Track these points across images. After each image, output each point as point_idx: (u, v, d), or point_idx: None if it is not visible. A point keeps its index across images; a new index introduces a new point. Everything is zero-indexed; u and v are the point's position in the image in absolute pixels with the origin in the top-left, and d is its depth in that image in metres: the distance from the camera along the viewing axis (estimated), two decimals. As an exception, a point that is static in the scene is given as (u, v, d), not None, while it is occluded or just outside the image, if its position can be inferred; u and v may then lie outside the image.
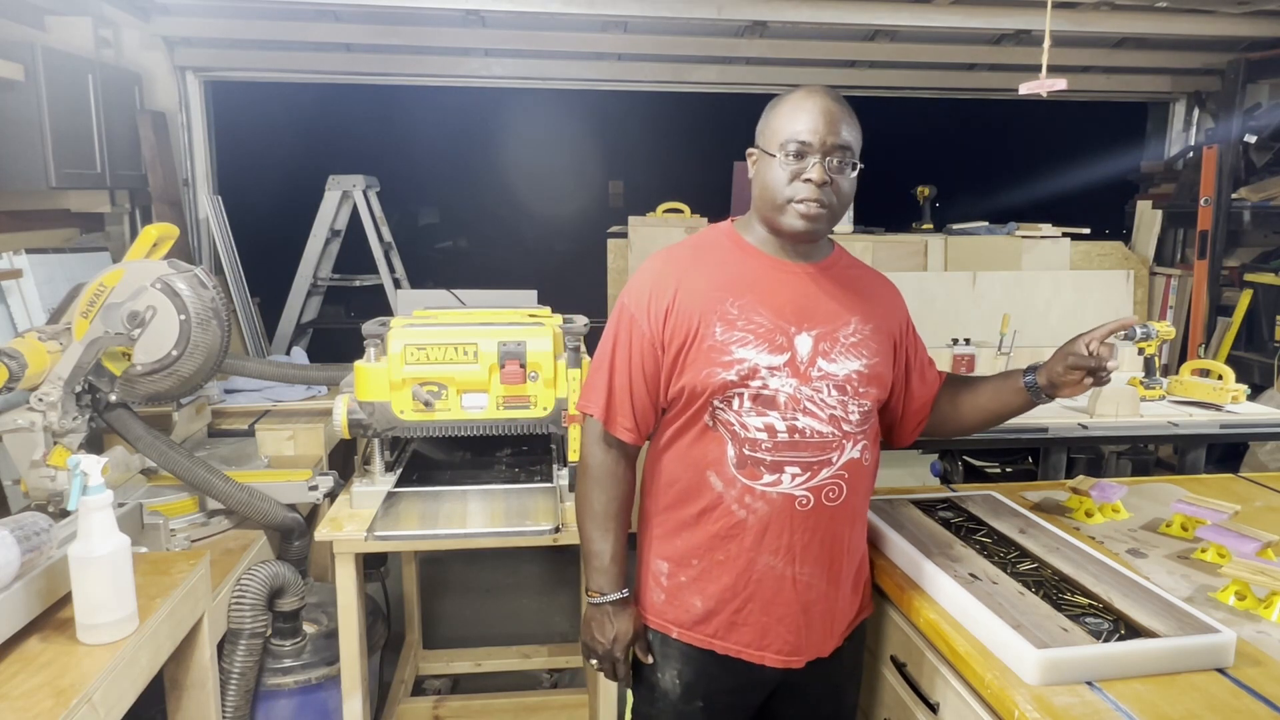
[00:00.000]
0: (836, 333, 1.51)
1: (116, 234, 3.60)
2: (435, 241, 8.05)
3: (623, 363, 1.52)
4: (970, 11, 3.65)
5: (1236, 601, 1.53)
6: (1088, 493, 1.96)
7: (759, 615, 1.51)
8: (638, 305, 1.51)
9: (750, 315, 1.47)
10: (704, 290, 1.49)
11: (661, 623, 1.57)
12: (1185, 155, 4.69)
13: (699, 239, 1.60)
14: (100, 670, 1.34)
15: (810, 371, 1.47)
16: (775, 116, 1.49)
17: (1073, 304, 4.20)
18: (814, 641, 1.54)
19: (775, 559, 1.48)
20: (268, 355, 4.05)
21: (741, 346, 1.46)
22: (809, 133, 1.44)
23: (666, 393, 1.51)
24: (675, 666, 1.56)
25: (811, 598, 1.51)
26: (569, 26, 3.94)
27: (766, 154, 1.48)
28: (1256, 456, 3.84)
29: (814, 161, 1.44)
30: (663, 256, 1.57)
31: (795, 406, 1.46)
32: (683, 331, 1.47)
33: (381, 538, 1.99)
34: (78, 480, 1.44)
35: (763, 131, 1.51)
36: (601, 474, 1.56)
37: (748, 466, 1.46)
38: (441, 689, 3.05)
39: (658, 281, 1.51)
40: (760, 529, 1.47)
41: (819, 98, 1.46)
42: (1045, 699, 1.23)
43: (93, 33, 3.29)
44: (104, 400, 2.00)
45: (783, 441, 1.46)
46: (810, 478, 1.47)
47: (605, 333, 1.57)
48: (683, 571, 1.54)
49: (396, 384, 2.10)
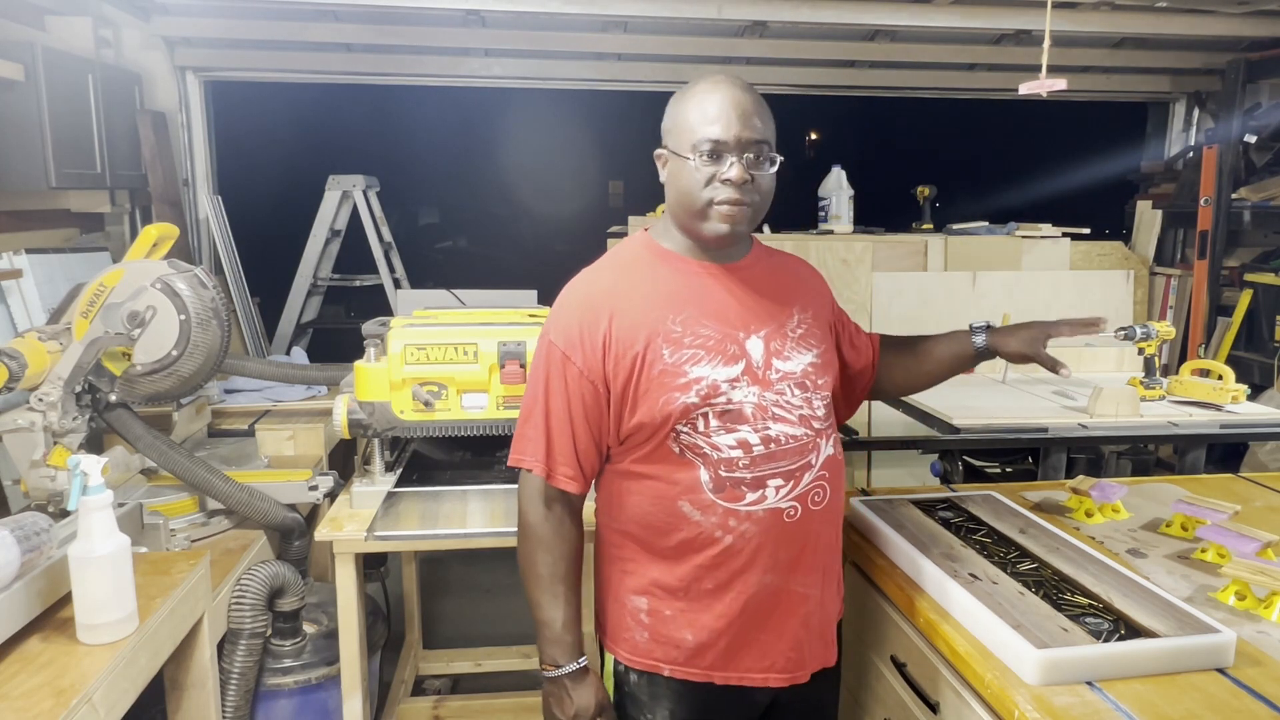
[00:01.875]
0: (784, 328, 1.44)
1: (116, 234, 3.60)
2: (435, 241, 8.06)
3: (559, 407, 1.38)
4: (970, 11, 3.64)
5: (1236, 601, 1.53)
6: (1088, 493, 1.96)
7: (759, 635, 1.42)
8: (568, 341, 1.38)
9: (695, 329, 1.37)
10: (640, 311, 1.37)
11: (649, 662, 1.44)
12: (1185, 155, 4.69)
13: (616, 256, 1.49)
14: (100, 670, 1.34)
15: (769, 375, 1.39)
16: (682, 113, 1.38)
17: (1073, 304, 4.19)
18: (816, 652, 1.48)
19: (771, 577, 1.40)
20: (268, 355, 4.05)
21: (695, 364, 1.35)
22: (722, 130, 1.33)
23: (619, 431, 1.39)
24: (667, 707, 1.45)
25: (809, 608, 1.45)
26: (569, 26, 3.94)
27: (678, 156, 1.38)
28: (1256, 456, 3.83)
29: (731, 160, 1.34)
30: (584, 282, 1.45)
31: (764, 415, 1.37)
32: (627, 362, 1.35)
33: (381, 538, 1.99)
34: (78, 480, 1.44)
35: (670, 130, 1.40)
36: (545, 533, 1.42)
37: (726, 489, 1.36)
38: (441, 689, 3.05)
39: (586, 312, 1.38)
40: (752, 551, 1.38)
41: (726, 89, 1.36)
42: (1045, 699, 1.23)
43: (93, 33, 3.29)
44: (104, 400, 2.00)
45: (760, 455, 1.37)
46: (794, 486, 1.39)
47: (531, 376, 1.44)
48: (666, 606, 1.42)
49: (396, 384, 2.10)
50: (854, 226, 4.27)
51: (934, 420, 2.84)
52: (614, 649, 1.50)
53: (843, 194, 4.19)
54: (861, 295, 4.05)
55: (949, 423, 2.76)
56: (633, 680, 1.47)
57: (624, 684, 1.49)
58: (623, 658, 1.48)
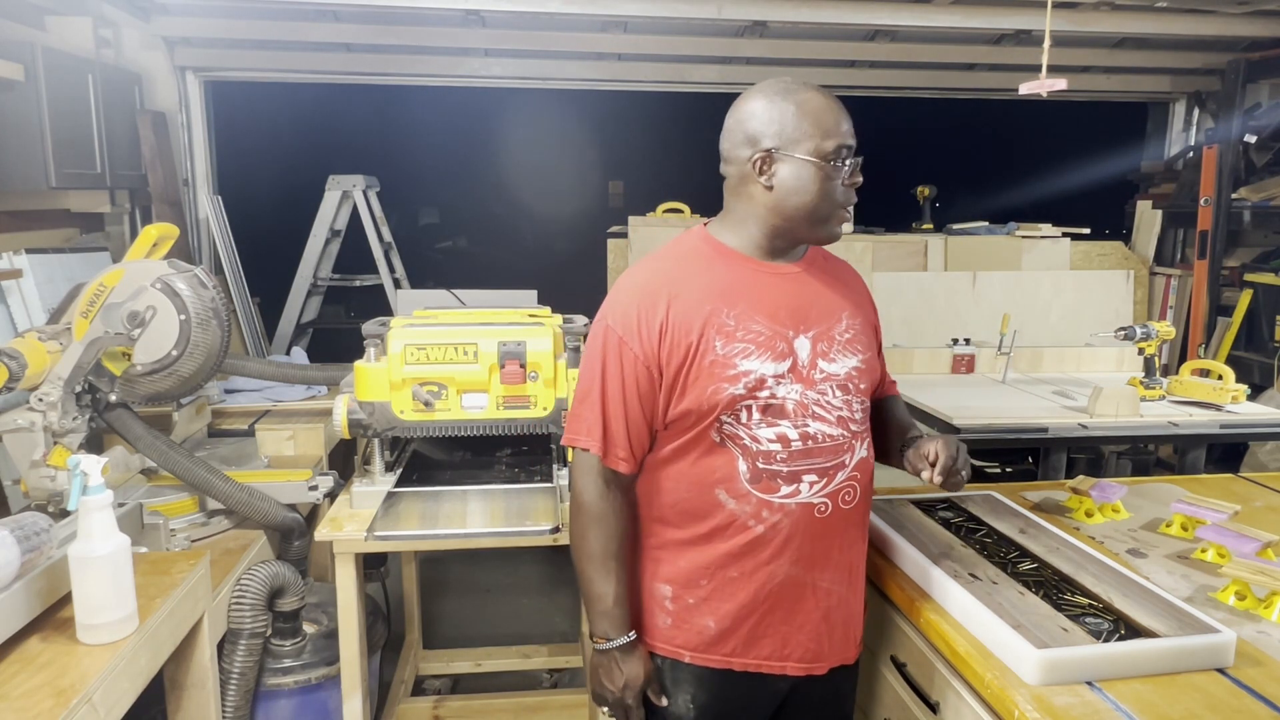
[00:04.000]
0: (831, 331, 1.47)
1: (116, 234, 3.60)
2: (435, 241, 8.05)
3: (615, 389, 1.42)
4: (970, 11, 3.65)
5: (1236, 601, 1.53)
6: (1088, 493, 1.96)
7: (780, 625, 1.46)
8: (625, 326, 1.42)
9: (747, 324, 1.41)
10: (697, 302, 1.41)
11: (670, 648, 1.49)
12: (1185, 155, 4.69)
13: (676, 249, 1.52)
14: (100, 670, 1.34)
15: (813, 374, 1.43)
16: (797, 118, 1.38)
17: (1073, 304, 4.20)
18: (835, 648, 1.51)
19: (796, 569, 1.44)
20: (268, 355, 4.05)
21: (745, 358, 1.40)
22: (849, 135, 1.39)
23: (665, 416, 1.43)
24: (688, 691, 1.49)
25: (832, 603, 1.48)
26: (569, 26, 3.94)
27: (804, 160, 1.38)
28: (1256, 456, 3.83)
29: (856, 165, 1.41)
30: (644, 270, 1.48)
31: (804, 412, 1.42)
32: (681, 349, 1.39)
33: (381, 538, 1.99)
34: (78, 480, 1.44)
35: (779, 134, 1.39)
36: (600, 511, 1.45)
37: (763, 480, 1.41)
38: (441, 689, 3.05)
39: (645, 298, 1.42)
40: (781, 542, 1.42)
41: (823, 94, 1.40)
42: (1045, 699, 1.23)
43: (93, 33, 3.29)
44: (104, 400, 2.00)
45: (797, 450, 1.41)
46: (827, 484, 1.44)
47: (587, 358, 1.47)
48: (690, 594, 1.46)
49: (396, 384, 2.10)
50: (854, 226, 4.28)
51: (934, 420, 2.84)
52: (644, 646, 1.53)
53: (843, 194, 4.19)
54: (861, 295, 4.04)
55: (949, 423, 2.76)
56: (656, 663, 1.51)
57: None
58: (646, 644, 1.52)
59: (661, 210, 4.26)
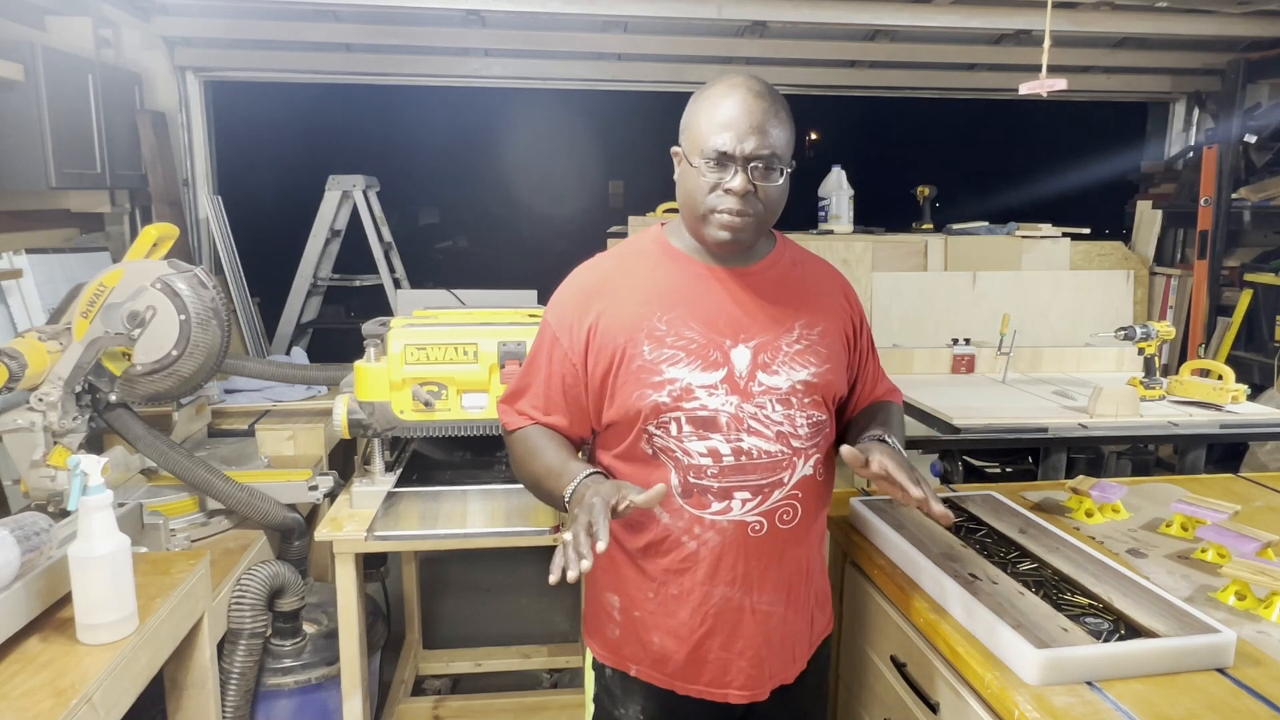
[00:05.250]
0: (778, 341, 1.40)
1: (116, 234, 3.60)
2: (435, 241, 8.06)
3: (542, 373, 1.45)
4: (970, 11, 3.65)
5: (1236, 601, 1.53)
6: (1088, 493, 1.96)
7: (719, 652, 1.42)
8: (559, 323, 1.43)
9: (680, 330, 1.36)
10: (630, 307, 1.38)
11: (619, 659, 1.49)
12: (1185, 155, 4.69)
13: (627, 247, 1.51)
14: (100, 670, 1.35)
15: (751, 386, 1.36)
16: (696, 116, 1.36)
17: (1073, 304, 4.20)
18: (776, 669, 1.47)
19: (732, 590, 1.40)
20: (268, 355, 4.05)
21: (672, 365, 1.35)
22: (731, 141, 1.31)
23: (600, 420, 1.43)
24: (639, 703, 1.48)
25: (772, 625, 1.44)
26: (569, 26, 3.94)
27: (686, 159, 1.37)
28: (1256, 456, 3.83)
29: (735, 170, 1.32)
30: (589, 269, 1.48)
31: (739, 426, 1.36)
32: (607, 355, 1.38)
33: (381, 538, 1.99)
34: (78, 480, 1.44)
35: (684, 131, 1.39)
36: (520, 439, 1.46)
37: (694, 495, 1.36)
38: (441, 689, 3.05)
39: (580, 299, 1.42)
40: (713, 560, 1.38)
41: (741, 95, 1.32)
42: (1045, 699, 1.23)
43: (93, 33, 3.29)
44: (104, 400, 2.00)
45: (729, 465, 1.36)
46: (761, 502, 1.38)
47: (531, 348, 1.50)
48: (636, 607, 1.45)
49: (396, 384, 2.10)
50: (854, 226, 4.27)
51: (934, 420, 2.84)
52: (591, 643, 1.56)
53: (843, 194, 4.19)
54: (861, 295, 4.02)
55: (949, 423, 2.76)
56: (607, 675, 1.52)
57: (600, 677, 1.54)
58: (597, 652, 1.53)
59: (661, 210, 4.26)
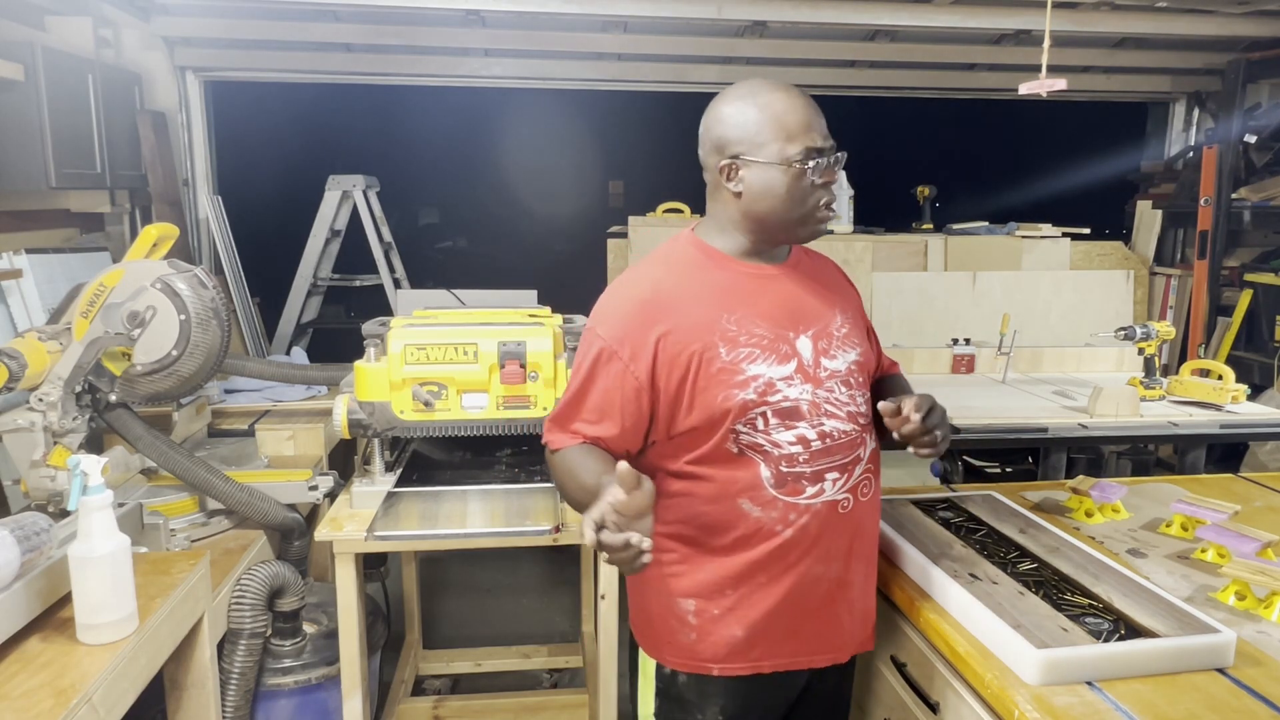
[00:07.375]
0: (829, 328, 1.48)
1: (116, 234, 3.60)
2: (435, 241, 8.05)
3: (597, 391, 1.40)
4: (970, 11, 3.65)
5: (1236, 601, 1.53)
6: (1088, 493, 1.96)
7: (808, 622, 1.47)
8: (615, 338, 1.39)
9: (749, 329, 1.40)
10: (697, 313, 1.39)
11: (697, 664, 1.47)
12: (1185, 155, 4.69)
13: (666, 254, 1.49)
14: (100, 670, 1.35)
15: (819, 373, 1.43)
16: (760, 123, 1.37)
17: (1073, 304, 4.20)
18: (856, 637, 1.54)
19: (822, 566, 1.45)
20: (268, 355, 4.05)
21: (750, 363, 1.38)
22: (818, 137, 1.37)
23: (670, 429, 1.41)
24: (717, 704, 1.48)
25: (854, 594, 1.51)
26: (569, 26, 3.94)
27: (771, 164, 1.37)
28: (1256, 456, 3.83)
29: (827, 164, 1.39)
30: (634, 283, 1.45)
31: (818, 411, 1.42)
32: (682, 363, 1.37)
33: (381, 538, 1.99)
34: (78, 480, 1.44)
35: (745, 139, 1.38)
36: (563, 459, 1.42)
37: (788, 484, 1.40)
38: (441, 689, 3.05)
39: (640, 313, 1.39)
40: (809, 543, 1.43)
41: (791, 94, 1.39)
42: (1045, 699, 1.23)
43: (93, 33, 3.29)
44: (104, 400, 2.00)
45: (818, 450, 1.42)
46: (847, 479, 1.45)
47: (576, 366, 1.45)
48: (715, 604, 1.44)
49: (396, 384, 2.10)
50: (854, 226, 4.28)
51: (934, 420, 2.84)
52: (659, 654, 1.51)
53: (843, 194, 4.19)
54: (862, 295, 4.04)
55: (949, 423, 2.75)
56: (681, 682, 1.49)
57: (670, 686, 1.51)
58: (669, 661, 1.49)
59: (661, 210, 4.27)
